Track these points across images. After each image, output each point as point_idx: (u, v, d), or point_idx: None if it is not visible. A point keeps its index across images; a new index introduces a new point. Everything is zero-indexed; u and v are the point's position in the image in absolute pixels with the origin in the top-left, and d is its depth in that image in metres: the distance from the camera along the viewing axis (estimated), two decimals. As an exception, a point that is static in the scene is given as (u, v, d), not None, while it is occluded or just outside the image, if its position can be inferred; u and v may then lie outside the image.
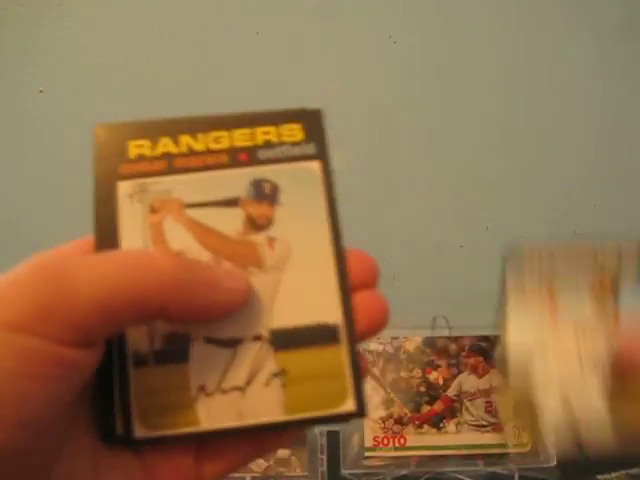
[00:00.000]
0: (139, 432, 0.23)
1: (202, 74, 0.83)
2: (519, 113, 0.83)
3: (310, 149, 0.25)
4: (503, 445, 0.60)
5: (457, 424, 0.61)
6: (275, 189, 0.25)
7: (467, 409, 0.61)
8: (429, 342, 0.63)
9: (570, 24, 0.84)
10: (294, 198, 0.25)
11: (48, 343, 0.19)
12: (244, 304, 0.23)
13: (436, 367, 0.63)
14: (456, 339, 0.63)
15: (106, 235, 0.24)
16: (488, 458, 0.60)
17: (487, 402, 0.61)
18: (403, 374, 0.63)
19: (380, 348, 0.64)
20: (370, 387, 0.62)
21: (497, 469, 0.59)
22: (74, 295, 0.19)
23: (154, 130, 0.26)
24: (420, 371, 0.63)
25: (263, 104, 0.90)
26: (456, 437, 0.61)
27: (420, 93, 0.83)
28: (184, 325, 0.23)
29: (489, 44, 0.84)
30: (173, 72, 0.83)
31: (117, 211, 0.25)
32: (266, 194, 0.25)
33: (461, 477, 0.60)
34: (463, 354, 0.63)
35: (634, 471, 0.60)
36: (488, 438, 0.61)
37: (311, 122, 0.26)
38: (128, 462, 0.23)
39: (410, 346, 0.63)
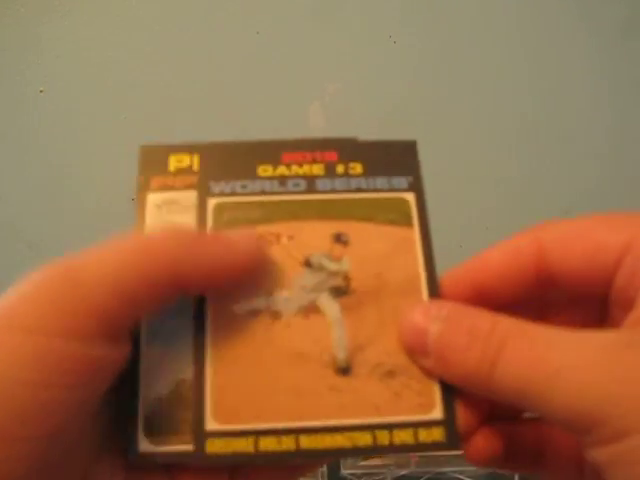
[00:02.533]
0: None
1: (202, 74, 0.83)
2: (520, 113, 0.83)
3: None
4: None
5: (457, 424, 0.61)
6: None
7: (467, 409, 0.61)
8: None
9: (572, 23, 0.84)
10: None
11: (69, 342, 0.18)
12: (258, 262, 0.23)
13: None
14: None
15: None
16: (488, 458, 0.60)
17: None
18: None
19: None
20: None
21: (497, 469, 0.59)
22: (84, 283, 0.19)
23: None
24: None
25: (263, 104, 0.90)
26: (456, 437, 0.61)
27: (420, 93, 0.83)
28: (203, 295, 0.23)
29: (489, 44, 0.84)
30: (173, 71, 0.83)
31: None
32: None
33: (461, 477, 0.60)
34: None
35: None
36: (488, 438, 0.61)
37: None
38: None
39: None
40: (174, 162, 0.26)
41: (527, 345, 0.19)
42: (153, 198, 0.25)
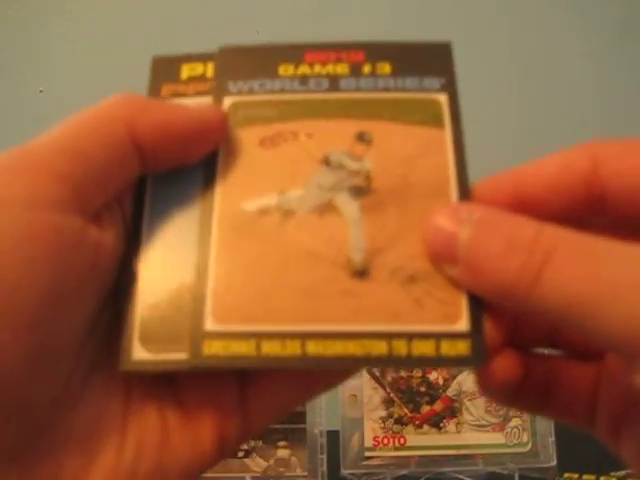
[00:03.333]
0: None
1: (202, 74, 0.83)
2: (517, 113, 0.83)
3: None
4: (503, 445, 0.60)
5: (457, 424, 0.61)
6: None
7: (467, 409, 0.61)
8: (429, 342, 0.63)
9: (567, 24, 0.84)
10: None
11: (31, 209, 0.17)
12: (222, 130, 0.22)
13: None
14: (456, 339, 0.63)
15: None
16: (488, 458, 0.60)
17: (487, 402, 0.61)
18: (403, 374, 0.62)
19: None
20: (370, 387, 0.62)
21: (497, 469, 0.59)
22: (38, 148, 0.19)
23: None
24: (420, 371, 0.63)
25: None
26: (456, 437, 0.61)
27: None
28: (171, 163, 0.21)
29: (487, 44, 0.84)
30: (173, 72, 0.83)
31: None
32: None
33: (461, 477, 0.60)
34: (463, 354, 0.63)
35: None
36: (488, 438, 0.61)
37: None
38: (162, 403, 0.20)
39: (410, 346, 0.63)
40: (187, 70, 0.25)
41: (580, 257, 0.17)
42: None
